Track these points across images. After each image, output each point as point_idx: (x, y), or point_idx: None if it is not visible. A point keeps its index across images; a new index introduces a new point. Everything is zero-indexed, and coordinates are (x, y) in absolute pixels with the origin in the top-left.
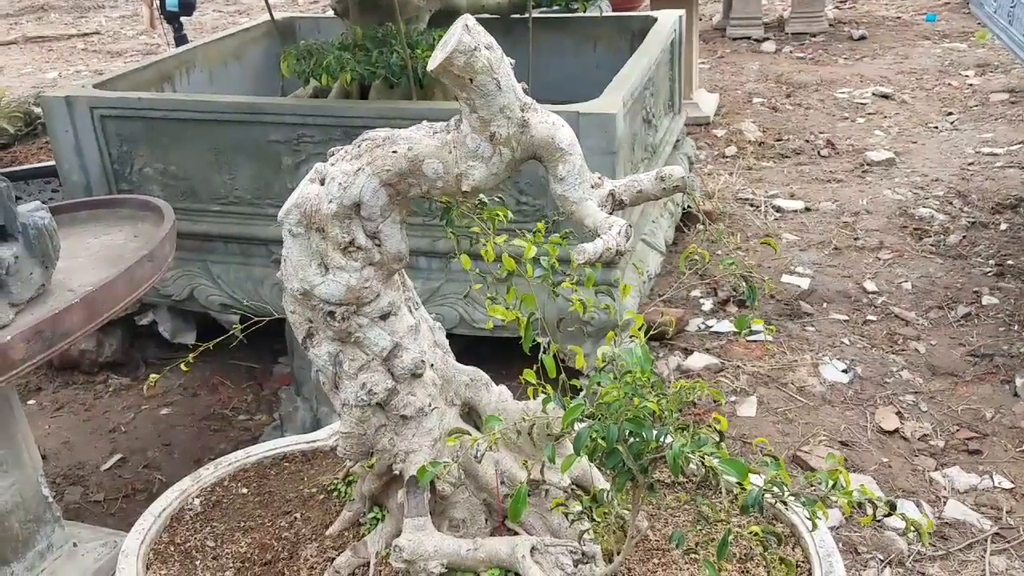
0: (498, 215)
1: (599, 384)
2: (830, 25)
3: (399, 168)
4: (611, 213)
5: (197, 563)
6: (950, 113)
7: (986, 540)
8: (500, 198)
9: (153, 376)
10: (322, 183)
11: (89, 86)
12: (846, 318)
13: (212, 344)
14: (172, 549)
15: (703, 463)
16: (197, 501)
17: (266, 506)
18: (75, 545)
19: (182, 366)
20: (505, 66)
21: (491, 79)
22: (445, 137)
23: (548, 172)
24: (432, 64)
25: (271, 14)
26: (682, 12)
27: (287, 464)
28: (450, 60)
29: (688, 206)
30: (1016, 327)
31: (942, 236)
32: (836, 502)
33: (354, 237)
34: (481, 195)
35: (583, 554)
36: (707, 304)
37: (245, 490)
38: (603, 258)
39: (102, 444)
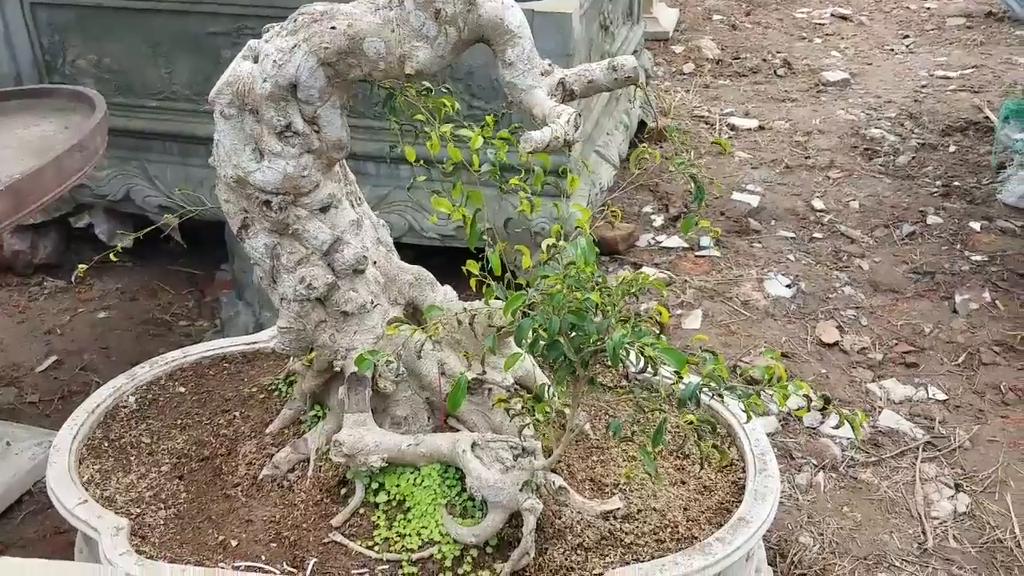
0: (444, 104)
1: (543, 277)
2: None
3: (338, 46)
4: (561, 103)
5: (132, 458)
6: (906, 36)
7: (918, 448)
8: (448, 88)
9: (81, 267)
10: (255, 61)
11: None
12: (793, 235)
13: (143, 234)
14: (106, 445)
15: (643, 353)
16: (132, 399)
17: (204, 404)
18: (8, 444)
19: (111, 256)
20: None
21: None
22: (388, 14)
23: (496, 56)
24: None
25: None
26: None
27: (227, 365)
28: None
29: (643, 119)
30: (958, 246)
31: (892, 157)
32: (772, 397)
33: (291, 121)
34: (427, 83)
35: (523, 449)
36: (658, 220)
37: (182, 389)
38: (551, 147)
39: (37, 346)
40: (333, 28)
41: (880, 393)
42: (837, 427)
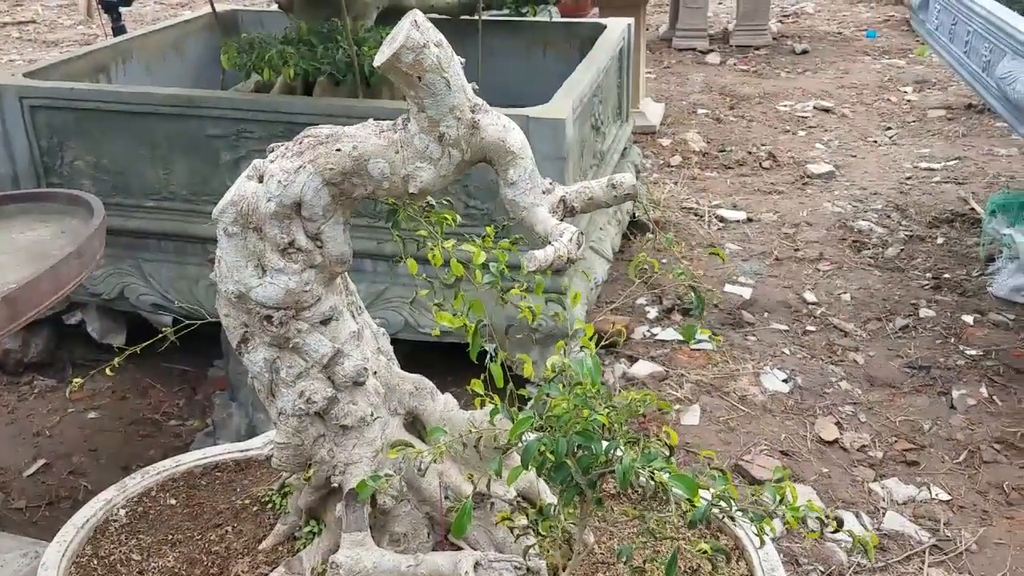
0: (446, 219)
1: (548, 395)
2: (773, 39)
3: (343, 167)
4: (562, 219)
5: None
6: (889, 128)
7: (924, 552)
8: (448, 201)
9: (76, 381)
10: (260, 180)
11: (19, 75)
12: (786, 328)
13: (140, 348)
14: (95, 562)
15: (652, 478)
16: (122, 512)
17: (196, 518)
18: None
19: (107, 371)
20: (455, 65)
21: (440, 78)
22: (392, 136)
23: (498, 176)
24: (379, 59)
25: (212, 5)
26: (631, 20)
27: (219, 474)
28: (397, 56)
29: (635, 214)
30: (952, 340)
31: (880, 249)
32: (782, 516)
33: (294, 238)
34: (429, 197)
35: (528, 569)
36: (652, 312)
37: (174, 501)
38: (554, 266)
39: (25, 449)
40: (338, 150)
41: (883, 493)
42: (851, 551)
